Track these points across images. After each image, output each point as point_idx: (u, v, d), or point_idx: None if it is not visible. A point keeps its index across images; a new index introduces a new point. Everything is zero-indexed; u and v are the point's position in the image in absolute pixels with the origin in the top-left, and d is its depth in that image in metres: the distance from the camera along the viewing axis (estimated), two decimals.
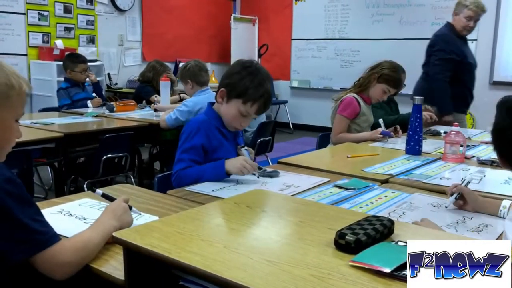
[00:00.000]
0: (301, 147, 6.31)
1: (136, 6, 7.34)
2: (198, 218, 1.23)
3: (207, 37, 8.37)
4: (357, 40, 7.89)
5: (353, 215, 1.25)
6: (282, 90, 8.81)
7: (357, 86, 3.16)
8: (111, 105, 4.31)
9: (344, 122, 3.06)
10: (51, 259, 1.12)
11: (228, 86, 1.99)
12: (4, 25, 5.83)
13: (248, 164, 1.88)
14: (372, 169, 2.14)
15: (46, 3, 6.23)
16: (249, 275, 0.90)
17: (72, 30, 6.56)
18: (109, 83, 6.94)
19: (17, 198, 1.11)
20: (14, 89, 1.20)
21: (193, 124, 2.04)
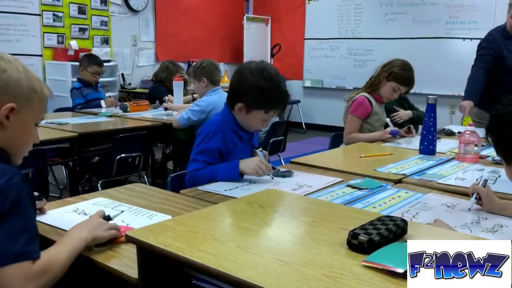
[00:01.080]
0: (314, 147, 6.29)
1: (150, 7, 7.38)
2: (211, 218, 1.24)
3: (220, 37, 8.39)
4: (370, 39, 7.85)
5: (366, 215, 1.25)
6: (294, 90, 8.79)
7: (368, 85, 3.15)
8: (124, 105, 4.35)
9: (356, 122, 3.05)
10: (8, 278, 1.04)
11: (248, 102, 1.95)
12: (19, 26, 5.90)
13: (263, 165, 1.88)
14: (385, 169, 2.13)
15: (61, 4, 6.29)
16: (262, 275, 0.90)
17: (86, 30, 6.62)
18: (122, 83, 6.99)
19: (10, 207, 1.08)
20: (36, 93, 1.25)
21: (211, 126, 2.03)
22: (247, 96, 1.95)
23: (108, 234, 1.28)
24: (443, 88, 3.62)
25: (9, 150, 1.24)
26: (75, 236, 1.22)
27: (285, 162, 4.37)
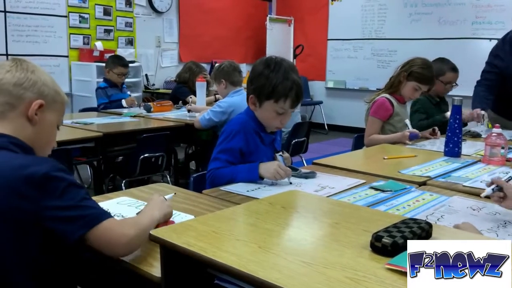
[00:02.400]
0: (336, 148, 6.26)
1: (174, 8, 7.44)
2: (233, 218, 1.24)
3: (243, 38, 8.41)
4: (395, 40, 7.77)
5: (389, 218, 1.23)
6: (317, 90, 8.76)
7: (389, 86, 3.11)
8: (148, 105, 4.39)
9: (376, 123, 3.01)
10: (107, 232, 1.15)
11: (255, 91, 1.96)
12: (46, 27, 6.01)
13: (282, 170, 1.85)
14: (409, 171, 2.11)
15: (87, 6, 6.39)
16: (284, 276, 0.90)
17: (111, 32, 6.71)
18: (146, 84, 7.06)
19: (68, 182, 1.16)
20: (59, 95, 1.34)
21: (234, 125, 2.03)
22: (256, 85, 1.95)
23: (171, 210, 1.38)
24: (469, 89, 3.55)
25: (34, 148, 1.29)
26: (150, 213, 1.30)
27: (307, 163, 4.36)
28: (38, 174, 1.13)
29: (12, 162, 1.17)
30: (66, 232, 1.13)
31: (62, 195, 1.14)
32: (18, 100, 1.25)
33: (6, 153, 1.21)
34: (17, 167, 1.15)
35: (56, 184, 1.14)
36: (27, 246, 1.15)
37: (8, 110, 1.25)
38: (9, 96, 1.25)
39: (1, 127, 1.25)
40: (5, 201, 1.12)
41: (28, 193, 1.12)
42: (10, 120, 1.25)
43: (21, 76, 1.26)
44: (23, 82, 1.26)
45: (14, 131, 1.25)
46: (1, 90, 1.25)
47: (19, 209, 1.12)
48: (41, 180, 1.13)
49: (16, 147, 1.23)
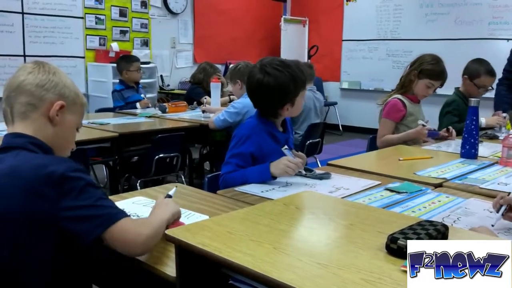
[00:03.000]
0: (351, 149, 6.24)
1: (189, 9, 7.47)
2: (248, 219, 1.24)
3: (257, 39, 8.41)
4: (410, 40, 7.71)
5: (405, 219, 1.23)
6: (331, 91, 8.73)
7: (400, 86, 3.08)
8: (163, 106, 4.42)
9: (389, 125, 2.98)
10: (123, 232, 1.17)
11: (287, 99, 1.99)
12: (63, 28, 6.08)
13: (292, 163, 1.85)
14: (425, 172, 2.09)
15: (103, 7, 6.45)
16: (299, 277, 0.90)
17: (127, 33, 6.76)
18: (161, 85, 7.10)
19: (86, 183, 1.18)
20: (79, 97, 1.36)
21: (244, 130, 2.03)
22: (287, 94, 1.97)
23: (179, 209, 1.39)
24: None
25: (54, 149, 1.31)
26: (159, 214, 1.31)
27: (322, 164, 4.34)
28: (56, 173, 1.15)
29: (31, 162, 1.19)
30: (82, 231, 1.15)
31: (79, 195, 1.15)
32: (40, 101, 1.27)
33: (25, 153, 1.23)
34: (35, 167, 1.16)
35: (74, 183, 1.16)
36: (43, 246, 1.17)
37: (30, 111, 1.27)
38: (31, 96, 1.27)
39: (23, 127, 1.27)
40: (23, 201, 1.14)
41: (46, 192, 1.13)
42: (32, 121, 1.27)
43: (43, 78, 1.28)
44: (45, 83, 1.28)
45: (35, 131, 1.27)
46: (24, 90, 1.27)
47: (36, 208, 1.14)
48: (59, 179, 1.14)
49: (36, 147, 1.25)
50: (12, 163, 1.20)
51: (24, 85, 1.27)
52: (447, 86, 3.11)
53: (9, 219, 1.15)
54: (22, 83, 1.27)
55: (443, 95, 3.57)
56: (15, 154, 1.22)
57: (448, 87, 3.22)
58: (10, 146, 1.25)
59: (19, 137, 1.26)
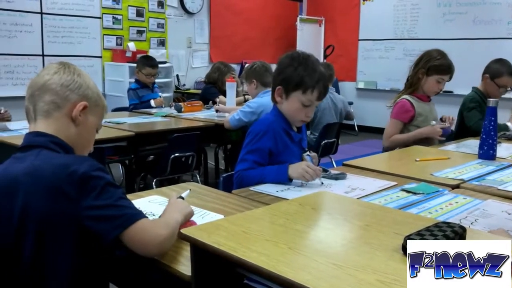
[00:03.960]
0: (367, 149, 6.20)
1: (205, 9, 7.50)
2: (263, 218, 1.24)
3: (273, 39, 8.41)
4: (428, 40, 7.62)
5: (421, 221, 1.21)
6: (347, 91, 8.69)
7: (408, 86, 3.05)
8: (179, 105, 4.44)
9: (397, 125, 2.94)
10: (142, 232, 1.17)
11: (283, 82, 1.98)
12: (81, 28, 6.15)
13: (311, 170, 1.84)
14: (442, 173, 2.07)
15: (120, 7, 6.51)
16: (314, 278, 0.89)
17: (143, 33, 6.81)
18: (177, 84, 7.14)
19: (106, 182, 1.19)
20: (101, 99, 1.39)
21: (261, 126, 2.02)
22: (283, 77, 1.97)
23: (191, 210, 1.39)
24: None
25: (74, 148, 1.32)
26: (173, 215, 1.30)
27: (337, 164, 4.32)
28: (78, 173, 1.16)
29: (52, 161, 1.20)
30: (102, 231, 1.16)
31: (100, 194, 1.16)
32: (64, 101, 1.29)
33: (46, 152, 1.24)
34: (57, 166, 1.18)
35: (95, 183, 1.17)
36: (63, 246, 1.18)
37: (53, 110, 1.29)
38: (56, 96, 1.29)
39: (45, 126, 1.29)
40: (45, 200, 1.15)
41: (68, 192, 1.14)
42: (55, 120, 1.29)
43: (68, 78, 1.30)
44: (70, 83, 1.30)
45: (56, 131, 1.29)
46: (49, 89, 1.29)
47: (58, 207, 1.15)
48: (80, 179, 1.15)
49: (57, 146, 1.27)
50: (33, 162, 1.21)
51: (49, 84, 1.29)
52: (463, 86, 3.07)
53: (31, 218, 1.16)
54: (47, 82, 1.29)
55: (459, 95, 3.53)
56: (36, 153, 1.23)
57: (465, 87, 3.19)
58: (32, 144, 1.26)
59: (41, 136, 1.27)
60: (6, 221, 1.20)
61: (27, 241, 1.17)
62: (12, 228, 1.19)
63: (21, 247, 1.18)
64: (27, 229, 1.17)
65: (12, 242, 1.20)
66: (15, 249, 1.19)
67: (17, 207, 1.18)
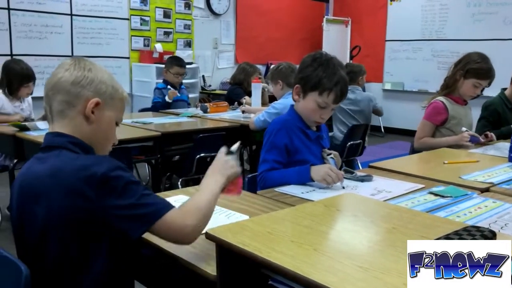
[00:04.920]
0: (393, 151, 6.13)
1: (231, 10, 7.53)
2: (288, 219, 1.24)
3: (298, 40, 8.39)
4: (456, 40, 7.51)
5: (450, 224, 1.19)
6: (374, 92, 8.53)
7: (444, 87, 2.98)
8: (205, 106, 4.47)
9: (428, 127, 2.90)
10: (169, 226, 1.17)
11: (301, 80, 1.98)
12: (110, 29, 6.24)
13: (333, 173, 1.81)
14: (471, 176, 2.03)
15: (148, 8, 6.58)
16: (340, 280, 0.89)
17: (170, 34, 6.88)
18: (203, 85, 7.19)
19: (127, 181, 1.18)
20: (118, 92, 1.34)
21: (275, 124, 2.05)
22: (302, 75, 1.98)
23: (236, 170, 1.38)
24: None
25: (93, 146, 1.31)
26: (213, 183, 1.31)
27: (363, 166, 4.28)
28: (97, 175, 1.15)
29: (72, 163, 1.19)
30: (128, 230, 1.16)
31: (121, 194, 1.16)
32: (76, 99, 1.26)
33: (66, 153, 1.24)
34: (77, 168, 1.17)
35: (115, 183, 1.16)
36: (86, 245, 1.20)
37: (67, 109, 1.27)
38: (67, 94, 1.26)
39: (61, 126, 1.28)
40: (65, 201, 1.16)
41: (88, 194, 1.14)
42: (69, 119, 1.27)
43: (78, 75, 1.27)
44: (81, 80, 1.26)
45: (73, 130, 1.27)
46: (60, 89, 1.26)
47: (78, 209, 1.15)
48: (100, 181, 1.15)
49: (75, 146, 1.26)
50: (54, 164, 1.21)
51: (60, 83, 1.26)
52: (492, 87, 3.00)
53: (53, 219, 1.18)
54: (59, 81, 1.27)
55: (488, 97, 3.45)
56: (57, 154, 1.24)
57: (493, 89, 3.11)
58: (52, 145, 1.27)
59: (59, 137, 1.27)
60: (30, 221, 1.23)
61: (52, 241, 1.20)
62: (36, 228, 1.22)
63: (46, 246, 1.21)
64: (50, 230, 1.19)
65: (37, 242, 1.23)
66: (40, 248, 1.22)
67: (40, 208, 1.20)
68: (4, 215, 3.53)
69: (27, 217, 1.24)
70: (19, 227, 1.28)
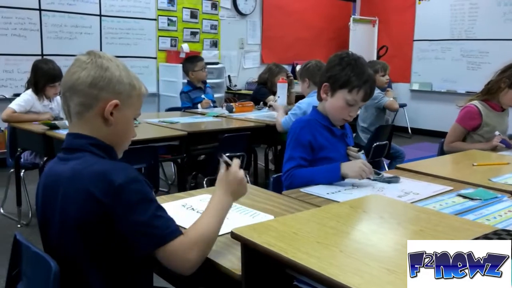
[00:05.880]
0: (420, 152, 6.03)
1: (257, 10, 7.54)
2: (314, 220, 1.23)
3: (325, 39, 8.35)
4: (486, 40, 7.36)
5: (479, 227, 1.17)
6: (401, 93, 8.49)
7: (485, 91, 2.89)
8: (230, 106, 4.48)
9: (460, 131, 2.84)
10: (173, 254, 1.17)
11: (330, 79, 1.99)
12: (137, 30, 6.32)
13: (367, 168, 1.84)
14: (501, 179, 1.98)
15: (175, 9, 6.64)
16: (366, 282, 0.88)
17: (197, 34, 6.92)
18: (229, 85, 7.21)
19: (142, 196, 1.18)
20: (135, 89, 1.31)
21: (298, 123, 2.07)
22: (331, 74, 1.99)
23: (246, 190, 1.37)
24: None
25: (113, 145, 1.31)
26: (223, 202, 1.29)
27: (390, 167, 4.24)
28: (115, 183, 1.15)
29: (93, 167, 1.20)
30: (134, 245, 1.17)
31: (133, 209, 1.16)
32: (94, 100, 1.24)
33: (88, 156, 1.24)
34: (96, 174, 1.18)
35: (130, 196, 1.16)
36: (101, 248, 1.21)
37: (85, 111, 1.25)
38: (85, 97, 1.24)
39: (80, 127, 1.27)
40: (82, 204, 1.18)
41: (103, 200, 1.15)
42: (87, 120, 1.26)
43: (96, 75, 1.24)
44: (98, 81, 1.24)
45: (91, 131, 1.27)
46: (77, 90, 1.24)
47: (94, 213, 1.16)
48: (117, 190, 1.15)
49: (96, 148, 1.26)
50: (74, 167, 1.22)
51: (77, 85, 1.24)
52: None
53: (68, 221, 1.21)
54: (76, 82, 1.24)
55: None
56: (78, 157, 1.24)
57: None
58: (73, 147, 1.27)
59: (79, 138, 1.27)
60: (52, 220, 1.26)
61: (68, 242, 1.22)
62: (56, 228, 1.25)
63: (63, 245, 1.24)
64: (66, 231, 1.22)
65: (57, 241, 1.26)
66: (59, 246, 1.25)
67: (58, 208, 1.23)
68: (34, 211, 3.61)
69: (50, 216, 1.27)
70: (44, 225, 1.31)
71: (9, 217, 3.68)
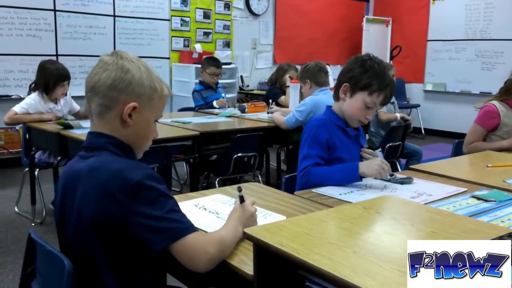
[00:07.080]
0: (434, 153, 5.98)
1: (270, 11, 7.54)
2: (326, 221, 1.23)
3: (338, 40, 8.32)
4: (502, 40, 7.28)
5: (494, 230, 1.16)
6: (414, 93, 8.44)
7: (503, 91, 2.88)
8: (243, 106, 4.49)
9: (479, 131, 2.82)
10: (190, 248, 1.18)
11: (351, 80, 1.99)
12: (151, 30, 6.35)
13: (386, 166, 1.84)
14: None
15: (188, 9, 6.66)
16: (379, 283, 0.87)
17: (210, 34, 6.94)
18: (241, 85, 7.22)
19: (159, 192, 1.19)
20: (156, 92, 1.31)
21: (314, 122, 2.07)
22: (352, 75, 1.99)
23: (256, 223, 1.38)
24: None
25: (132, 146, 1.33)
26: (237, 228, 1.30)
27: (402, 168, 4.21)
28: (132, 181, 1.17)
29: (109, 166, 1.22)
30: (150, 241, 1.17)
31: (151, 205, 1.17)
32: (114, 102, 1.26)
33: (106, 154, 1.26)
34: (113, 171, 1.19)
35: (148, 193, 1.17)
36: (115, 247, 1.22)
37: (105, 112, 1.27)
38: (105, 98, 1.26)
39: (101, 127, 1.29)
40: (98, 201, 1.19)
41: (119, 198, 1.16)
42: (107, 121, 1.28)
43: (116, 77, 1.25)
44: (118, 83, 1.25)
45: (111, 131, 1.29)
46: (98, 92, 1.26)
47: (109, 211, 1.18)
48: (134, 188, 1.16)
49: (115, 147, 1.28)
50: (92, 164, 1.24)
51: (98, 86, 1.25)
52: None
53: (84, 217, 1.22)
54: (97, 83, 1.26)
55: None
56: (97, 155, 1.26)
57: None
58: (93, 146, 1.29)
59: (100, 137, 1.29)
60: (69, 218, 1.27)
61: (84, 239, 1.23)
62: (72, 225, 1.26)
63: (79, 243, 1.25)
64: (82, 228, 1.23)
65: (73, 239, 1.27)
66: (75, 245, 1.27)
67: (75, 205, 1.24)
68: (48, 210, 3.65)
69: (67, 213, 1.28)
70: (61, 223, 1.33)
71: (24, 216, 3.72)
